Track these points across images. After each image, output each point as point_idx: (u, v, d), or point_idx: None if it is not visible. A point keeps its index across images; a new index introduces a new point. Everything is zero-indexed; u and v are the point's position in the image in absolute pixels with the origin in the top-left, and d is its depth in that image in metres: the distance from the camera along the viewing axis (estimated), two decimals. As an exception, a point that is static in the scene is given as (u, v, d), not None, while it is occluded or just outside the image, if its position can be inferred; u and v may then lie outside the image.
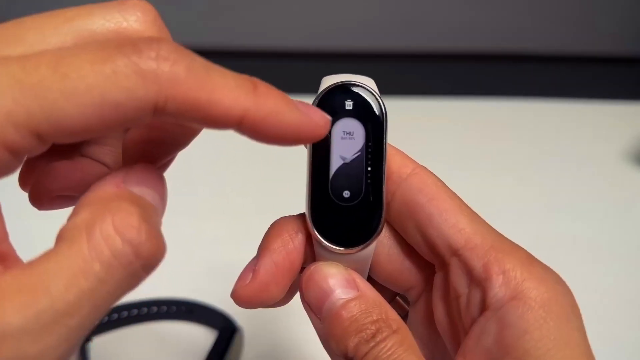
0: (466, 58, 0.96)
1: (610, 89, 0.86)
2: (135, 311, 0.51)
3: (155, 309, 0.51)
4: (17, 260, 0.18)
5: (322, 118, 0.21)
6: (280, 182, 0.66)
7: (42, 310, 0.16)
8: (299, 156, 0.20)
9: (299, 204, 0.27)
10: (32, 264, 0.17)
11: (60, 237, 0.18)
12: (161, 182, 0.20)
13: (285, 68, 0.89)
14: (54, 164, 0.24)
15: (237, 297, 0.26)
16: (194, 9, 0.95)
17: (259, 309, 0.27)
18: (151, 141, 0.22)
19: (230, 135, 0.21)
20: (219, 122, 0.19)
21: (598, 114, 0.80)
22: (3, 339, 0.16)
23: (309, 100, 0.27)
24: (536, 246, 0.26)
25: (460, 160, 0.71)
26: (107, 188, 0.19)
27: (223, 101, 0.18)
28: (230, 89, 0.18)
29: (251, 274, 0.25)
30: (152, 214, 0.19)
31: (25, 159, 0.18)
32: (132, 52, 0.17)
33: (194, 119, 0.18)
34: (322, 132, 0.21)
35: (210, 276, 0.54)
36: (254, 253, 0.27)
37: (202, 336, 0.50)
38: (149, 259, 0.18)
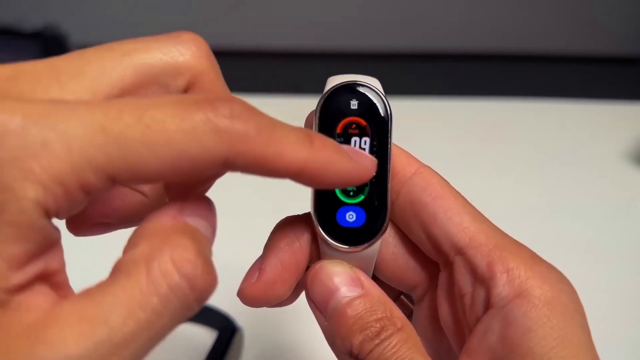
0: (466, 58, 0.96)
1: (610, 89, 0.86)
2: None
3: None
4: (70, 289, 0.19)
5: (370, 162, 0.22)
6: (280, 182, 0.66)
7: (101, 341, 0.17)
8: None
9: (299, 204, 0.28)
10: (89, 293, 0.18)
11: (118, 269, 0.18)
12: (213, 213, 0.21)
13: (285, 68, 0.89)
14: None
15: (244, 296, 0.26)
16: (202, 9, 0.95)
17: (259, 309, 0.27)
18: None
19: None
20: (280, 173, 0.20)
21: (598, 114, 0.80)
22: None
23: (312, 101, 0.27)
24: (536, 246, 0.26)
25: (460, 160, 0.71)
26: (164, 220, 0.20)
27: (285, 155, 0.19)
28: (292, 144, 0.20)
29: (257, 273, 0.26)
30: (205, 246, 0.19)
31: None
32: (209, 109, 0.18)
33: (258, 172, 0.19)
34: (370, 175, 0.22)
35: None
36: (254, 253, 0.27)
37: (202, 336, 0.50)
38: (203, 292, 0.18)
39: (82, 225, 0.24)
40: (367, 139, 0.26)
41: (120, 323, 0.17)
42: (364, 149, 0.26)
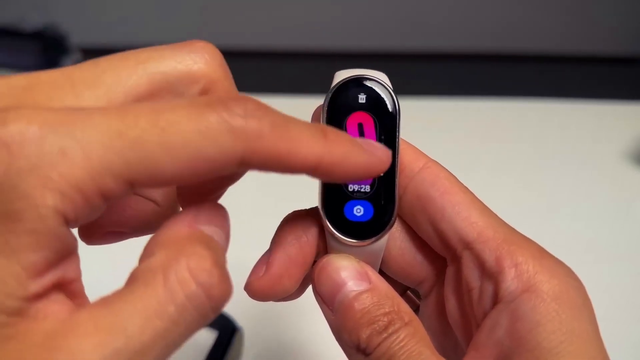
0: (466, 58, 0.96)
1: (610, 89, 0.87)
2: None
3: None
4: (85, 298, 0.19)
5: (385, 154, 0.22)
6: (279, 183, 0.66)
7: (119, 349, 0.17)
8: None
9: (299, 205, 0.28)
10: (106, 302, 0.18)
11: (135, 278, 0.18)
12: (226, 219, 0.21)
13: (290, 68, 0.89)
14: None
15: (251, 289, 0.26)
16: (205, 9, 0.95)
17: (260, 309, 0.27)
18: None
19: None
20: (296, 169, 0.20)
21: (598, 114, 0.80)
22: None
23: (316, 101, 0.27)
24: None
25: (459, 160, 0.71)
26: (180, 228, 0.20)
27: (301, 151, 0.19)
28: (306, 139, 0.20)
29: (264, 267, 0.26)
30: (220, 255, 0.20)
31: None
32: (223, 109, 0.18)
33: (274, 169, 0.20)
34: (385, 167, 0.22)
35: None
36: (255, 253, 0.27)
37: (202, 336, 0.49)
38: (219, 300, 0.19)
39: (94, 234, 0.25)
40: (375, 133, 0.26)
41: (138, 332, 0.17)
42: None
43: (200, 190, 0.23)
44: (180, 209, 0.25)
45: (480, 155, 0.73)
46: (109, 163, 0.17)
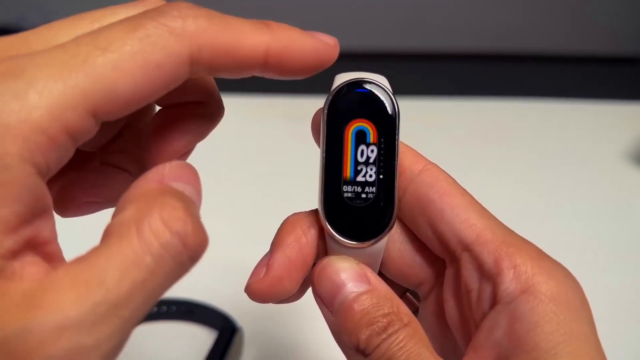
0: (466, 58, 0.96)
1: (610, 89, 0.87)
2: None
3: (155, 309, 0.51)
4: (63, 261, 0.19)
5: (330, 39, 0.23)
6: (279, 184, 0.66)
7: (98, 302, 0.17)
8: (299, 157, 0.21)
9: (299, 205, 0.28)
10: (82, 259, 0.17)
11: (108, 233, 0.18)
12: (196, 177, 0.21)
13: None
14: (78, 173, 0.25)
15: (251, 291, 0.26)
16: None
17: (260, 309, 0.27)
18: (173, 130, 0.24)
19: (232, 132, 0.22)
20: (247, 62, 0.20)
21: (598, 114, 0.81)
22: (62, 330, 0.16)
23: (316, 101, 0.27)
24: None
25: (459, 160, 0.71)
26: (150, 185, 0.20)
27: (247, 41, 0.20)
28: (249, 30, 0.20)
29: (265, 269, 0.26)
30: (194, 207, 0.20)
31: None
32: (157, 15, 0.19)
33: (226, 65, 0.20)
34: (335, 52, 0.23)
35: (210, 276, 0.54)
36: (255, 253, 0.27)
37: (202, 336, 0.50)
38: (195, 249, 0.19)
39: (69, 205, 0.25)
40: (375, 136, 0.26)
41: (116, 284, 0.17)
42: (372, 146, 0.26)
43: (167, 149, 0.24)
44: None
45: (480, 155, 0.73)
46: (64, 95, 0.17)
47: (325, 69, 0.23)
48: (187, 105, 0.24)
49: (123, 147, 0.26)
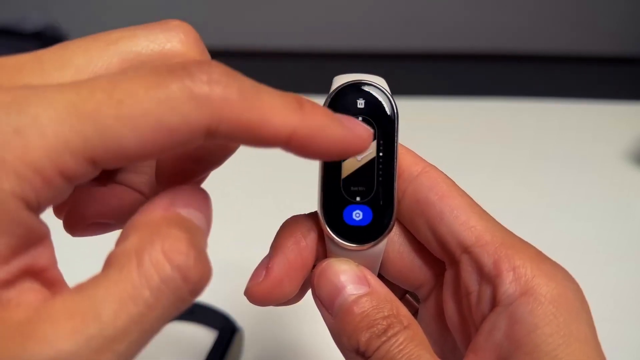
0: (466, 58, 0.96)
1: (610, 89, 0.87)
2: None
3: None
4: (64, 286, 0.19)
5: (365, 131, 0.21)
6: (279, 184, 0.66)
7: (93, 336, 0.16)
8: (299, 159, 0.20)
9: (299, 205, 0.28)
10: (80, 288, 0.17)
11: (109, 263, 0.18)
12: (207, 203, 0.20)
13: (289, 68, 0.89)
14: (89, 191, 0.24)
15: (251, 294, 0.26)
16: (205, 9, 0.95)
17: (260, 309, 0.27)
18: (186, 159, 0.23)
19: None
20: (268, 141, 0.19)
21: (598, 114, 0.81)
22: None
23: (316, 101, 0.27)
24: (536, 246, 0.26)
25: (459, 160, 0.71)
26: (156, 211, 0.19)
27: (273, 121, 0.18)
28: (279, 109, 0.18)
29: (264, 272, 0.26)
30: (199, 237, 0.19)
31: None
32: (185, 76, 0.17)
33: (244, 140, 0.19)
34: (365, 146, 0.21)
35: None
36: (255, 253, 0.27)
37: (202, 336, 0.50)
38: (196, 283, 0.18)
39: (78, 224, 0.24)
40: (374, 138, 0.26)
41: (112, 317, 0.16)
42: (370, 148, 0.26)
43: (181, 173, 0.23)
44: None
45: (480, 155, 0.73)
46: (66, 140, 0.16)
47: (325, 69, 0.23)
48: None
49: (137, 167, 0.25)
